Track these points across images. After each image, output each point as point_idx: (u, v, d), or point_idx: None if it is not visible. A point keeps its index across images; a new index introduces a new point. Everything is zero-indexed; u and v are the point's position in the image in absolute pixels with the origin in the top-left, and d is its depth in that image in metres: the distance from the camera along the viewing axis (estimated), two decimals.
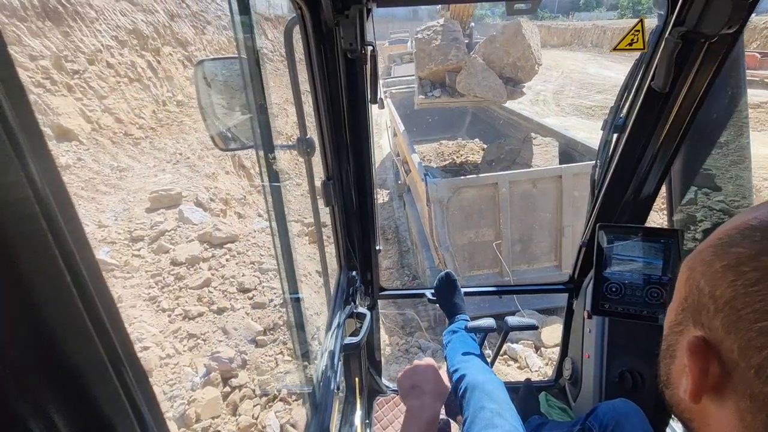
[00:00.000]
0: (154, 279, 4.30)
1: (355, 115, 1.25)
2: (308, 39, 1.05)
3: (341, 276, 1.52)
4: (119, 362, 0.27)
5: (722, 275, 0.31)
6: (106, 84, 7.94)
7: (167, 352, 3.36)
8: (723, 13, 0.91)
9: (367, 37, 1.10)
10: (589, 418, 1.14)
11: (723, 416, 0.31)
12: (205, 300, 4.03)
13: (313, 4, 1.00)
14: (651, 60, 1.16)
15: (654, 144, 1.29)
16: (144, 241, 4.92)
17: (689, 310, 0.34)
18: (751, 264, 0.29)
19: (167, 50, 9.49)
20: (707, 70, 1.09)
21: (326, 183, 1.32)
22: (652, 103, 1.21)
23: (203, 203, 5.96)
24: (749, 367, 0.28)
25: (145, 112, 8.38)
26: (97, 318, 0.26)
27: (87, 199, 6.01)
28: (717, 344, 0.31)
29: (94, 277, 0.26)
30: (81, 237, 0.25)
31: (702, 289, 0.33)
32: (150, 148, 7.77)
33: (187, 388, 3.09)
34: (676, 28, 1.02)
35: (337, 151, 1.29)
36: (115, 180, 6.68)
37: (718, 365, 0.31)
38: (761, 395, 0.27)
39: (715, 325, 0.31)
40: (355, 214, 1.48)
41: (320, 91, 1.14)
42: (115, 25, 8.70)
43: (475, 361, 1.30)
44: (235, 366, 3.29)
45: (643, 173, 1.37)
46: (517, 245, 4.58)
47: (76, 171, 6.45)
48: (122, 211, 5.68)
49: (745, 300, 0.28)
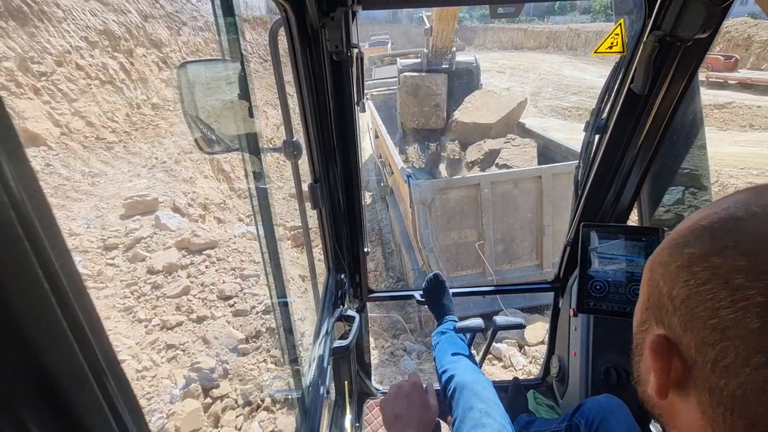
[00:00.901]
0: (130, 288, 4.14)
1: (342, 117, 1.25)
2: (293, 41, 1.05)
3: (329, 279, 1.51)
4: (101, 371, 0.27)
5: (677, 275, 0.32)
6: (75, 86, 7.65)
7: (144, 365, 3.24)
8: (698, 18, 0.94)
9: (352, 39, 1.09)
10: (576, 414, 1.16)
11: (688, 410, 0.32)
12: (183, 309, 3.90)
13: (298, 7, 0.99)
14: (630, 63, 1.19)
15: (634, 145, 1.32)
16: (118, 249, 4.74)
17: (652, 310, 0.36)
18: (701, 264, 0.30)
19: (141, 51, 9.21)
20: (683, 72, 1.12)
21: (313, 185, 1.30)
22: (632, 104, 1.24)
23: (181, 209, 5.79)
24: (705, 362, 0.29)
25: (118, 115, 8.11)
26: (77, 326, 0.25)
27: (57, 207, 5.76)
28: (677, 342, 0.32)
29: (73, 284, 0.25)
30: (60, 244, 0.24)
31: (661, 289, 0.34)
32: (124, 152, 7.52)
33: (165, 401, 2.98)
34: (653, 32, 1.06)
35: (324, 154, 1.28)
36: (86, 186, 6.42)
37: (679, 361, 0.32)
38: (718, 389, 0.28)
39: (674, 323, 0.32)
40: (342, 217, 1.47)
41: (306, 94, 1.13)
42: (84, 25, 8.39)
43: (464, 361, 1.30)
44: (217, 376, 3.20)
45: (625, 173, 1.40)
46: (500, 245, 4.63)
47: (44, 177, 6.18)
48: (95, 219, 5.46)
49: (697, 299, 0.29)
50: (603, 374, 1.48)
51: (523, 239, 4.66)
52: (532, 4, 1.27)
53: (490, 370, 3.66)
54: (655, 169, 1.50)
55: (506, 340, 4.13)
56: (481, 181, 4.41)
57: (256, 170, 0.87)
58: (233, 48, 0.78)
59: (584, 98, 14.20)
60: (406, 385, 0.96)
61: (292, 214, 7.35)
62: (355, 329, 1.37)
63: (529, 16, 38.12)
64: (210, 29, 10.38)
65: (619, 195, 1.47)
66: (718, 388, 0.28)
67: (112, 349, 0.28)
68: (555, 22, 32.62)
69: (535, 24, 34.31)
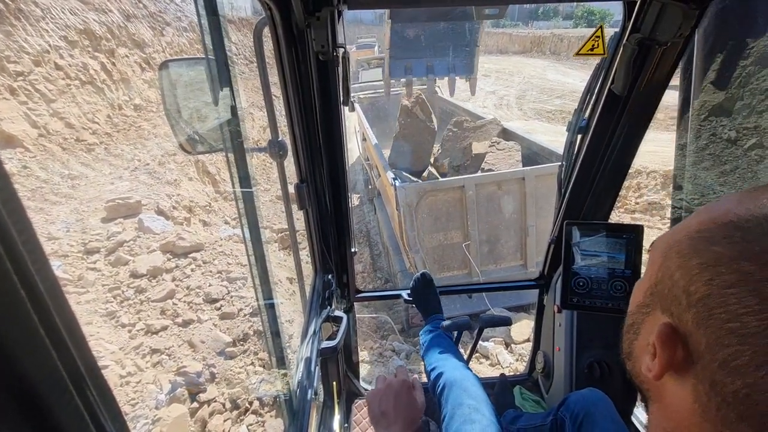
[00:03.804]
0: (112, 293, 4.06)
1: (328, 117, 1.25)
2: (279, 41, 1.04)
3: (317, 280, 1.50)
4: (80, 378, 0.26)
5: (699, 273, 0.31)
6: (54, 87, 7.44)
7: (128, 370, 3.17)
8: (675, 21, 0.98)
9: (338, 39, 1.09)
10: (561, 408, 1.18)
11: (680, 393, 0.33)
12: (169, 313, 3.84)
13: (283, 6, 0.98)
14: (611, 65, 1.23)
15: (615, 144, 1.36)
16: (100, 253, 4.64)
17: (658, 296, 0.35)
18: (730, 266, 0.29)
19: (123, 51, 9.03)
20: (662, 74, 1.16)
21: (299, 186, 1.30)
22: (612, 105, 1.28)
23: (165, 211, 5.70)
24: (714, 360, 0.29)
25: (99, 116, 7.92)
26: (55, 333, 0.24)
27: (35, 210, 5.59)
28: (685, 334, 0.32)
29: (51, 290, 0.24)
30: (36, 249, 0.24)
31: (676, 281, 0.33)
32: (105, 154, 7.35)
33: (151, 406, 2.93)
34: (633, 35, 1.10)
35: (310, 154, 1.28)
36: (66, 189, 6.26)
37: (682, 351, 0.32)
38: (720, 384, 0.29)
39: (686, 318, 0.32)
40: (329, 217, 1.47)
41: (292, 94, 1.12)
42: (63, 24, 8.19)
43: (452, 359, 1.32)
44: (203, 380, 3.16)
45: (606, 172, 1.44)
46: (485, 246, 4.70)
47: (20, 180, 6.00)
48: (75, 222, 5.33)
49: (719, 300, 0.29)
50: (587, 368, 1.51)
51: (507, 240, 4.73)
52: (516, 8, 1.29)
53: (477, 368, 3.71)
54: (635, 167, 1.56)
55: (493, 339, 4.19)
56: (465, 183, 4.47)
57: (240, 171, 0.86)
58: (217, 47, 0.77)
59: (567, 101, 14.49)
60: (395, 382, 0.96)
61: (279, 216, 7.30)
62: (343, 330, 1.37)
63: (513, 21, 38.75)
64: (194, 30, 10.22)
65: (600, 193, 1.50)
66: (722, 384, 0.29)
67: (93, 355, 0.27)
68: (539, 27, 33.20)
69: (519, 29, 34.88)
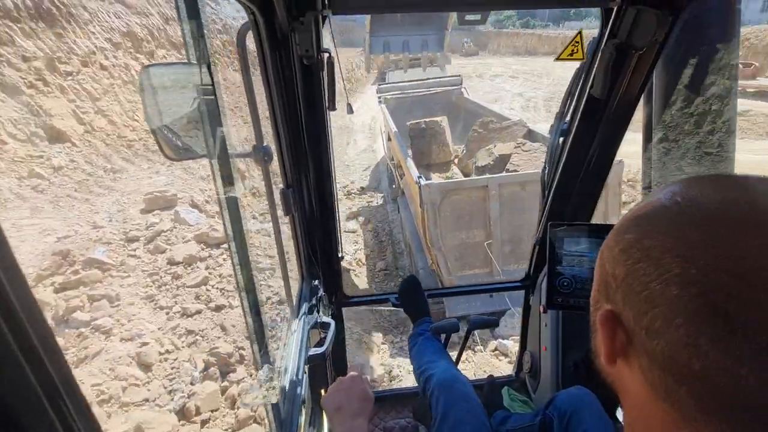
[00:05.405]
0: (152, 278, 4.34)
1: (313, 121, 1.23)
2: (262, 45, 1.02)
3: (303, 286, 1.49)
4: (56, 395, 0.25)
5: (618, 257, 0.37)
6: (99, 86, 7.94)
7: (166, 348, 3.42)
8: (650, 26, 1.02)
9: (324, 43, 1.09)
10: (549, 407, 1.19)
11: (632, 374, 0.38)
12: (203, 298, 4.09)
13: (267, 10, 0.97)
14: (590, 69, 1.26)
15: (596, 146, 1.39)
16: (140, 241, 4.96)
17: (601, 289, 0.41)
18: (636, 246, 0.35)
19: (161, 53, 9.53)
20: (639, 77, 1.19)
21: (285, 191, 1.28)
22: (592, 108, 1.30)
23: (199, 205, 6.00)
24: (641, 329, 0.34)
25: (138, 114, 8.38)
26: (29, 348, 0.23)
27: (81, 201, 6.02)
28: (620, 315, 0.37)
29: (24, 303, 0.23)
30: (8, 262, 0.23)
31: (607, 270, 0.39)
32: (144, 150, 7.78)
33: (186, 382, 3.15)
34: (610, 40, 1.13)
35: (295, 159, 1.26)
36: (108, 182, 6.68)
37: (622, 332, 0.37)
38: (651, 350, 0.33)
39: (617, 299, 0.37)
40: (316, 222, 1.46)
41: (276, 98, 1.11)
42: (109, 27, 8.72)
43: (442, 362, 1.36)
44: (234, 361, 3.36)
45: (588, 173, 1.46)
46: (507, 245, 4.71)
47: (68, 173, 6.44)
48: (117, 213, 5.70)
49: (633, 276, 0.35)
50: (573, 367, 1.52)
51: (529, 240, 4.73)
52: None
53: (497, 364, 3.76)
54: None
55: (512, 338, 4.22)
56: (489, 183, 4.50)
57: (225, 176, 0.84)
58: (200, 51, 0.75)
59: None
60: (346, 379, 0.99)
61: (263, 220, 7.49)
62: (331, 336, 1.35)
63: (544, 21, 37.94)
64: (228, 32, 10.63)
65: (583, 194, 1.52)
66: (652, 350, 0.33)
67: (70, 371, 0.26)
68: (570, 28, 32.45)
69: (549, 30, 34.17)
